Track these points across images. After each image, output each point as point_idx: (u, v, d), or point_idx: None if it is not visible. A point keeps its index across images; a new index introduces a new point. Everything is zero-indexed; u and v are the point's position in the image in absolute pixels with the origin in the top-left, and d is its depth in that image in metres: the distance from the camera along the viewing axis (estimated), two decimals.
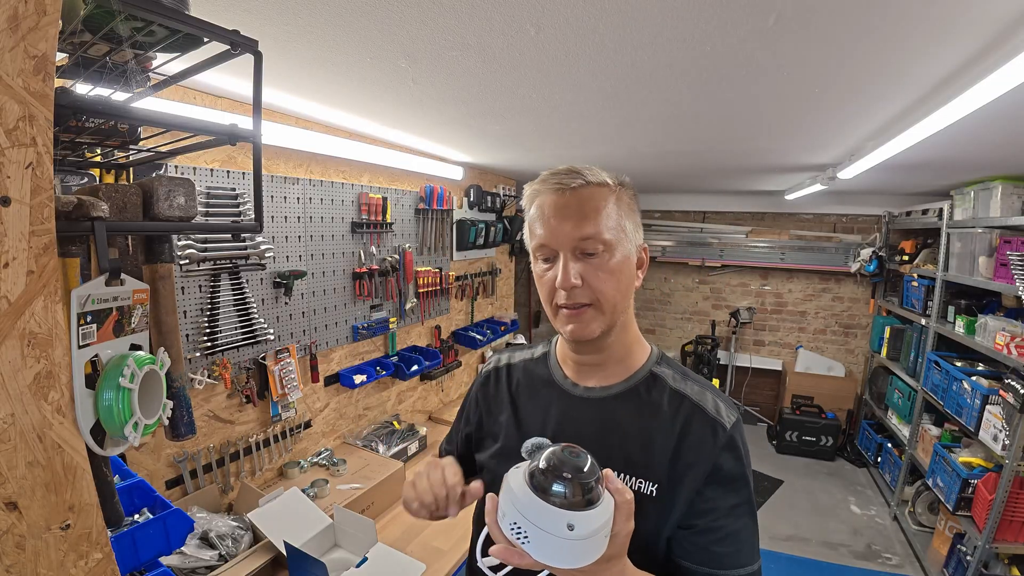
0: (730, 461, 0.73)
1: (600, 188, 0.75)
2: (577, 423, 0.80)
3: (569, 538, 0.51)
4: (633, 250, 0.77)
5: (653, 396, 0.79)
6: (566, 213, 0.72)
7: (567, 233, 0.72)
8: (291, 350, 1.98)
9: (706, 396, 0.78)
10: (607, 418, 0.79)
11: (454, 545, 1.74)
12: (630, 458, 0.75)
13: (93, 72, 0.71)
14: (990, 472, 2.38)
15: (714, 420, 0.75)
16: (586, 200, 0.73)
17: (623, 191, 0.78)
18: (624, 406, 0.79)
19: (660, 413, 0.77)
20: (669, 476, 0.73)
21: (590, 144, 2.34)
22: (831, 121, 1.78)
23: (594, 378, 0.82)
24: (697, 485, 0.73)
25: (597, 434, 0.78)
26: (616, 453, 0.76)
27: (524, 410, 0.87)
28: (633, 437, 0.76)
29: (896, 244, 4.09)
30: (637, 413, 0.78)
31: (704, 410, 0.76)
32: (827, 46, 1.11)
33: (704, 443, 0.73)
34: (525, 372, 0.91)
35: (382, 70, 1.34)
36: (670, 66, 1.27)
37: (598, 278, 0.72)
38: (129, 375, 0.64)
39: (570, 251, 0.72)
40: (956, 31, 1.00)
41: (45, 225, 0.52)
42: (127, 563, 1.04)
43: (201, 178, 1.62)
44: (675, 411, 0.77)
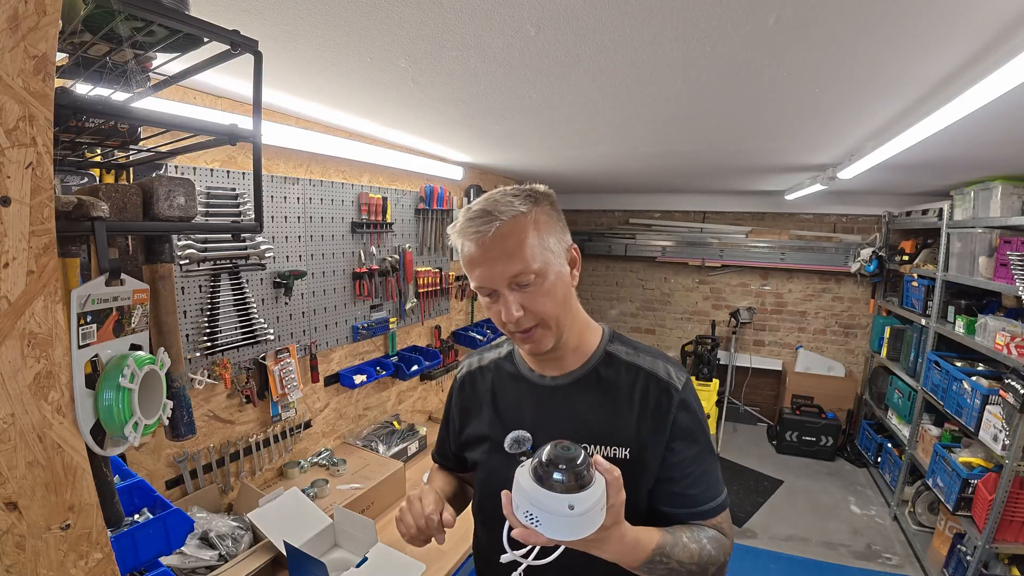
0: (686, 417, 0.85)
1: (515, 221, 0.78)
2: (550, 409, 0.90)
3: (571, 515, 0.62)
4: (563, 261, 0.83)
5: (611, 373, 0.88)
6: (492, 256, 0.78)
7: (499, 273, 0.78)
8: (291, 350, 1.98)
9: (657, 364, 0.88)
10: (575, 400, 0.88)
11: (454, 545, 1.74)
12: (602, 431, 0.85)
13: (93, 72, 0.71)
14: (990, 472, 2.38)
15: (667, 384, 0.86)
16: (507, 238, 0.77)
17: (539, 210, 0.81)
18: (587, 387, 0.89)
19: (620, 386, 0.87)
20: (637, 439, 0.84)
21: (590, 144, 2.34)
22: (831, 121, 1.79)
23: (555, 367, 0.91)
24: (663, 442, 0.84)
25: (570, 416, 0.88)
26: (589, 429, 0.86)
27: (503, 405, 0.95)
28: (600, 413, 0.87)
29: (896, 244, 4.09)
30: (600, 391, 0.88)
31: (657, 376, 0.87)
32: (827, 46, 1.11)
33: (662, 405, 0.85)
34: (497, 370, 0.99)
35: (382, 70, 1.34)
36: (670, 66, 1.27)
37: (537, 303, 0.79)
38: (129, 375, 0.64)
39: (506, 287, 0.79)
40: (956, 31, 1.00)
41: (45, 225, 0.52)
42: (127, 563, 1.04)
43: (201, 178, 1.62)
44: (632, 382, 0.87)
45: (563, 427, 0.87)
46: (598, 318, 0.93)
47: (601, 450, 0.84)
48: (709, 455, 0.86)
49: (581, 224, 5.40)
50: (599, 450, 0.85)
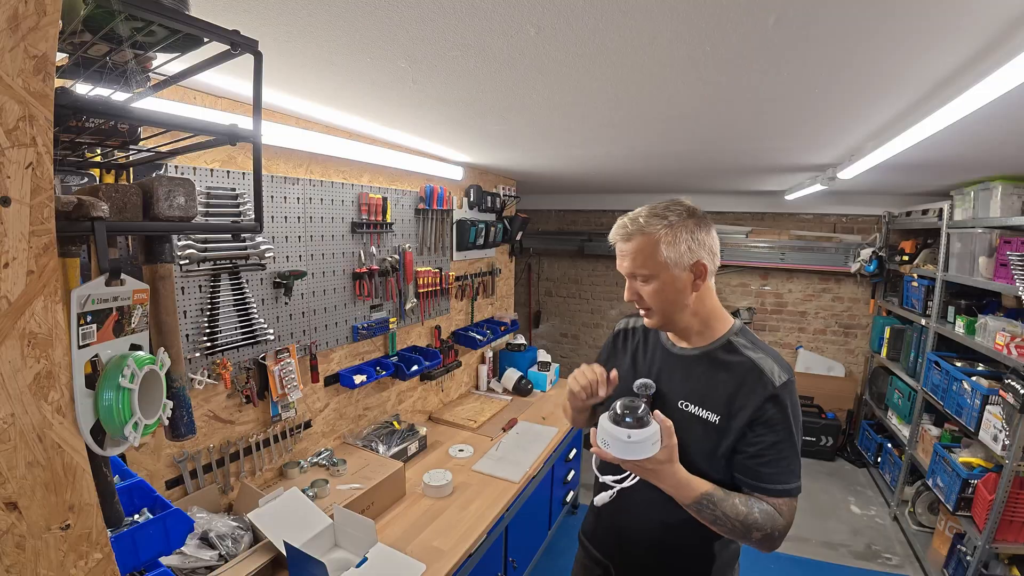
0: (773, 409, 1.02)
1: (640, 238, 1.07)
2: (671, 370, 1.18)
3: (629, 442, 0.97)
4: (679, 271, 1.07)
5: (726, 356, 1.11)
6: (623, 255, 1.11)
7: (625, 268, 1.12)
8: (291, 350, 1.98)
9: (766, 360, 1.07)
10: (691, 369, 1.14)
11: (454, 545, 1.75)
12: (702, 395, 1.10)
13: (93, 72, 0.71)
14: (990, 472, 2.38)
15: (767, 378, 1.04)
16: (634, 248, 1.08)
17: (668, 231, 1.05)
18: (703, 361, 1.13)
19: (729, 368, 1.09)
20: (727, 411, 1.05)
21: (590, 144, 2.34)
22: (831, 121, 1.79)
23: (685, 342, 1.19)
24: (746, 421, 1.03)
25: (683, 378, 1.15)
26: (694, 391, 1.11)
27: (639, 359, 1.26)
28: (706, 382, 1.10)
29: (896, 244, 4.09)
30: (711, 366, 1.12)
31: (761, 370, 1.05)
32: (827, 46, 1.11)
33: (755, 393, 1.04)
34: (644, 333, 1.29)
35: (382, 70, 1.34)
36: (670, 66, 1.27)
37: (645, 295, 1.10)
38: (129, 375, 0.64)
39: (628, 277, 1.13)
40: (956, 31, 1.00)
41: (45, 225, 0.52)
42: (127, 563, 1.04)
43: (201, 178, 1.62)
44: (740, 368, 1.08)
45: (676, 385, 1.14)
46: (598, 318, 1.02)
47: (696, 410, 1.09)
48: (788, 449, 1.02)
49: (581, 224, 5.41)
50: (694, 410, 1.10)
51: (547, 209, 5.56)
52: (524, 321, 5.51)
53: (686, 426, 1.08)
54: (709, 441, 1.06)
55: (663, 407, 1.12)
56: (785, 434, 1.02)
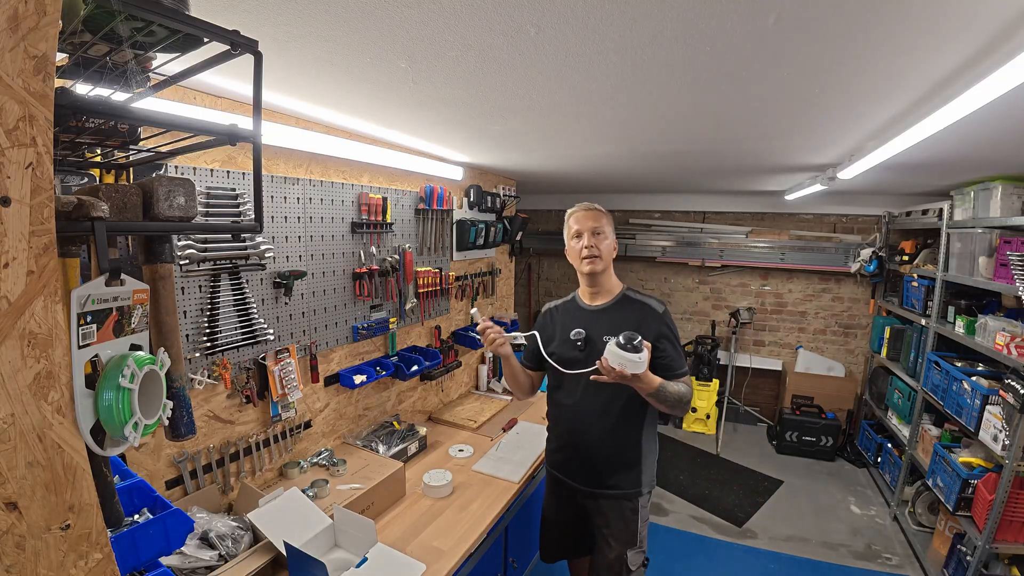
0: (664, 328, 1.67)
1: (601, 213, 1.75)
2: (594, 321, 1.72)
3: (639, 360, 1.43)
4: (613, 242, 1.77)
5: (625, 304, 1.74)
6: (588, 217, 1.73)
7: (589, 225, 1.71)
8: (291, 350, 1.98)
9: (651, 299, 1.73)
10: (604, 316, 1.73)
11: (454, 545, 1.74)
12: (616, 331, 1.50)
13: (93, 72, 0.71)
14: (990, 472, 2.38)
15: (653, 310, 1.70)
16: (598, 215, 1.74)
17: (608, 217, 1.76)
18: (611, 310, 1.73)
19: (629, 311, 1.71)
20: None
21: (590, 144, 2.34)
22: (831, 121, 1.79)
23: (596, 300, 1.78)
24: (651, 339, 1.57)
25: (601, 324, 1.70)
26: (610, 329, 1.62)
27: (566, 321, 1.79)
28: (618, 322, 1.67)
29: (896, 244, 4.09)
30: (618, 312, 1.72)
31: (649, 306, 1.71)
32: (827, 46, 1.12)
33: (649, 320, 1.67)
34: (564, 305, 1.88)
35: (382, 71, 1.34)
36: (670, 66, 1.27)
37: (601, 245, 1.70)
38: (129, 375, 0.64)
39: (589, 232, 1.70)
40: (956, 31, 1.00)
41: (45, 225, 0.52)
42: (127, 563, 1.04)
43: (201, 178, 1.62)
44: (636, 309, 1.71)
45: (598, 327, 1.69)
46: None
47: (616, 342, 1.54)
48: (680, 347, 1.69)
49: None
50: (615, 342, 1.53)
51: (547, 209, 5.56)
52: (524, 321, 5.51)
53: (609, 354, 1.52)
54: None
55: (593, 344, 1.67)
56: (675, 339, 1.67)
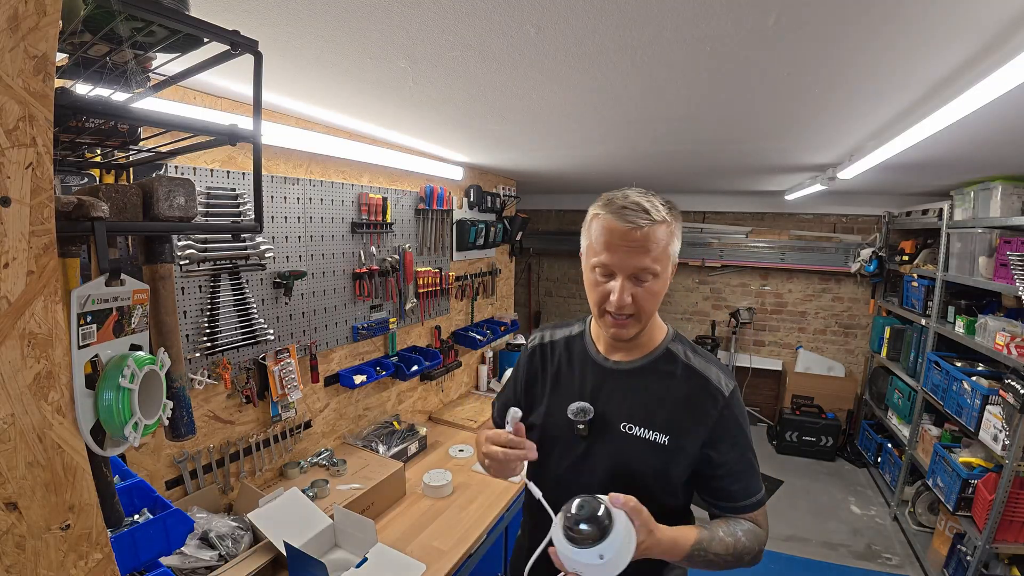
0: (729, 421, 0.95)
1: (660, 226, 0.89)
2: (608, 389, 1.01)
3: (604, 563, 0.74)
4: (672, 267, 0.95)
5: (667, 367, 1.00)
6: (632, 247, 0.88)
7: (630, 264, 0.89)
8: (291, 350, 1.98)
9: (710, 369, 0.98)
10: (630, 385, 1.00)
11: (454, 545, 1.74)
12: (646, 415, 0.97)
13: (93, 72, 0.71)
14: (990, 472, 2.38)
15: (716, 388, 0.96)
16: (649, 239, 0.88)
17: (675, 222, 0.93)
18: (644, 375, 1.00)
19: (672, 381, 0.98)
20: (677, 430, 0.95)
21: (590, 144, 2.34)
22: (831, 121, 1.79)
23: (621, 354, 1.03)
24: (701, 439, 0.94)
25: (622, 397, 0.99)
26: (636, 411, 0.98)
27: (565, 378, 1.07)
28: (650, 399, 0.98)
29: (896, 244, 4.09)
30: (654, 381, 0.99)
31: (707, 379, 0.97)
32: (827, 46, 1.11)
33: (705, 407, 0.95)
34: (566, 346, 1.10)
35: (382, 71, 1.34)
36: (670, 67, 1.27)
37: (644, 299, 0.91)
38: (129, 375, 0.63)
39: (627, 276, 0.90)
40: (956, 31, 1.00)
41: (45, 225, 0.52)
42: (127, 563, 1.04)
43: (201, 178, 1.62)
44: (684, 379, 0.98)
45: (616, 404, 0.99)
46: None
47: (642, 432, 0.96)
48: (751, 458, 0.96)
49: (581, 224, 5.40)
50: (640, 431, 0.96)
51: (547, 209, 5.56)
52: (524, 321, 5.51)
53: (633, 451, 0.96)
54: (660, 465, 0.95)
55: (603, 432, 0.99)
56: (745, 445, 0.96)
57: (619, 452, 0.96)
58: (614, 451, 0.97)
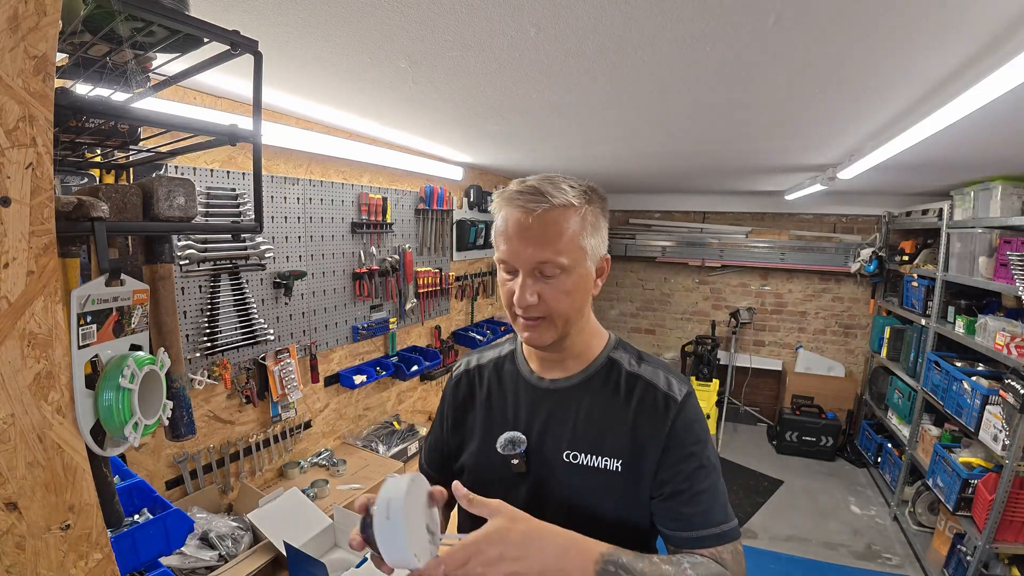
0: (683, 430, 0.79)
1: (564, 211, 0.76)
2: (544, 414, 0.86)
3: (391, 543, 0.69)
4: (592, 264, 0.81)
5: (610, 380, 0.85)
6: (527, 235, 0.75)
7: (527, 256, 0.75)
8: (291, 350, 1.98)
9: (658, 375, 0.84)
10: (570, 406, 0.85)
11: None
12: (594, 440, 0.82)
13: (93, 72, 0.71)
14: (990, 472, 2.38)
15: (666, 395, 0.81)
16: (549, 224, 0.75)
17: (589, 208, 0.79)
18: (584, 393, 0.85)
19: (617, 395, 0.83)
20: (631, 451, 0.79)
21: (590, 144, 2.34)
22: (831, 121, 1.79)
23: (556, 370, 0.88)
24: (657, 455, 0.78)
25: (561, 421, 0.84)
26: (581, 436, 0.82)
27: (496, 406, 0.92)
28: (595, 420, 0.83)
29: (896, 244, 4.09)
30: (597, 398, 0.84)
31: (656, 387, 0.82)
32: (827, 47, 1.11)
33: (657, 416, 0.80)
34: (495, 370, 0.96)
35: (382, 71, 1.34)
36: (670, 66, 1.27)
37: (553, 297, 0.77)
38: (129, 375, 0.63)
39: (528, 272, 0.76)
40: (955, 32, 1.00)
41: (45, 225, 0.52)
42: (127, 563, 1.04)
43: (201, 178, 1.62)
44: (630, 391, 0.83)
45: (555, 432, 0.84)
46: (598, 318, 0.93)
47: (589, 460, 0.81)
48: (710, 476, 0.78)
49: None
50: (587, 459, 0.81)
51: None
52: None
53: (582, 484, 0.81)
54: (616, 495, 0.79)
55: (544, 465, 0.83)
56: (703, 457, 0.78)
57: (566, 487, 0.81)
58: (561, 487, 0.82)
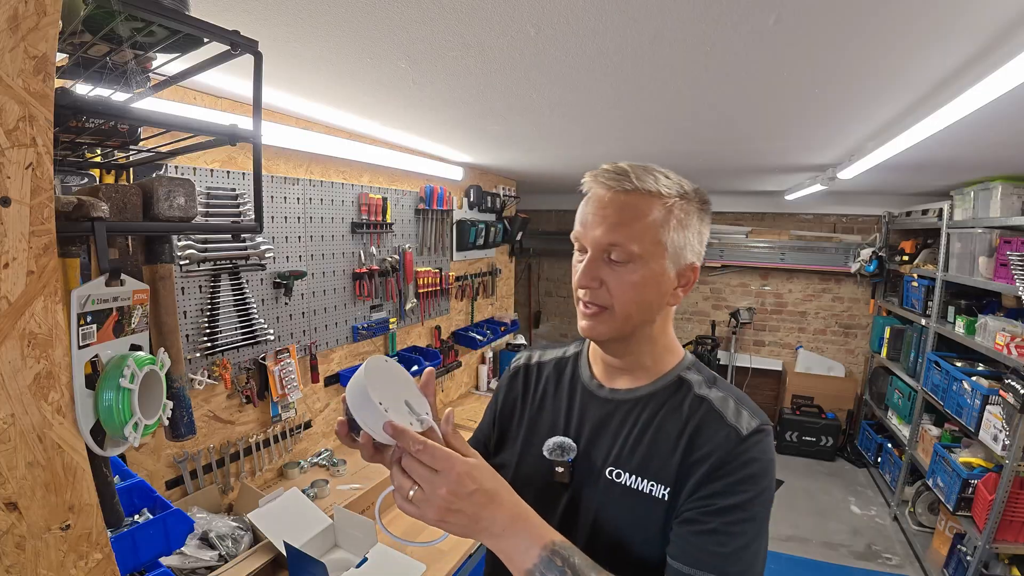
0: (735, 466, 0.68)
1: (647, 197, 0.71)
2: (596, 423, 0.80)
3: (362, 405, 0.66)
4: (672, 267, 0.74)
5: (675, 401, 0.77)
6: (602, 214, 0.71)
7: (597, 235, 0.71)
8: (291, 350, 1.98)
9: (728, 402, 0.74)
10: (626, 421, 0.78)
11: (454, 545, 1.74)
12: (643, 461, 0.74)
13: (93, 72, 0.71)
14: (990, 472, 2.38)
15: (729, 426, 0.71)
16: (626, 206, 0.70)
17: (679, 203, 0.73)
18: (644, 410, 0.77)
19: (677, 417, 0.75)
20: (678, 479, 0.70)
21: (590, 144, 2.34)
22: (831, 121, 1.79)
23: (620, 380, 0.82)
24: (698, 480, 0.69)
25: (614, 435, 0.78)
26: (627, 454, 0.75)
27: (548, 408, 0.87)
28: (649, 440, 0.75)
29: (896, 244, 4.09)
30: (656, 417, 0.76)
31: (721, 416, 0.72)
32: (827, 47, 1.12)
33: (711, 446, 0.70)
34: (555, 370, 0.91)
35: (382, 71, 1.34)
36: (670, 67, 1.27)
37: (618, 286, 0.72)
38: (129, 375, 0.63)
39: (596, 252, 0.72)
40: (955, 32, 1.00)
41: (45, 225, 0.52)
42: (127, 563, 1.04)
43: (201, 178, 1.62)
44: (692, 415, 0.74)
45: (606, 445, 0.78)
46: None
47: (632, 481, 0.74)
48: (747, 527, 0.66)
49: None
50: (629, 480, 0.73)
51: (547, 209, 5.56)
52: (524, 321, 5.51)
53: (619, 505, 0.73)
54: (655, 527, 0.70)
55: (585, 479, 0.77)
56: (747, 505, 0.66)
57: (602, 506, 0.74)
58: (596, 504, 0.75)
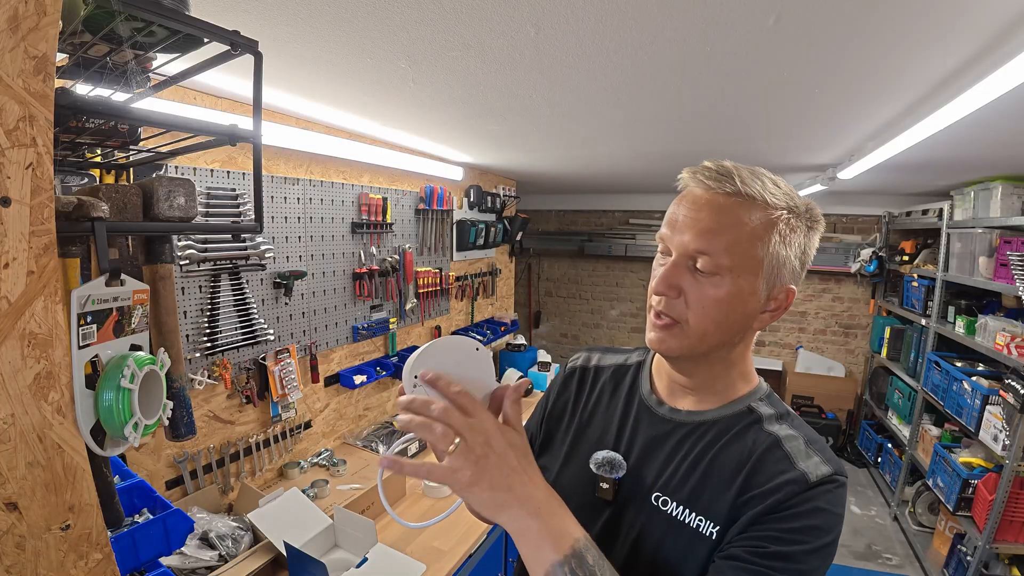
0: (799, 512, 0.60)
1: (750, 203, 0.63)
2: (649, 441, 0.73)
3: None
4: (764, 287, 0.65)
5: (739, 432, 0.69)
6: (696, 217, 0.63)
7: (685, 239, 0.64)
8: (291, 350, 1.98)
9: (798, 443, 0.66)
10: (682, 444, 0.71)
11: (454, 545, 1.74)
12: (695, 492, 0.67)
13: (93, 72, 0.71)
14: (990, 472, 2.38)
15: (796, 468, 0.63)
16: (723, 211, 0.63)
17: (786, 215, 0.64)
18: (704, 436, 0.70)
19: (739, 450, 0.67)
20: (729, 517, 0.64)
21: (590, 144, 2.34)
22: (831, 121, 1.79)
23: (683, 401, 0.74)
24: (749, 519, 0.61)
25: (667, 458, 0.71)
26: (681, 483, 0.68)
27: (600, 417, 0.81)
28: (703, 470, 0.68)
29: (896, 244, 4.09)
30: (716, 446, 0.69)
31: (789, 457, 0.64)
32: (827, 47, 1.12)
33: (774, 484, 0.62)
34: (613, 377, 0.84)
35: (382, 71, 1.34)
36: (670, 66, 1.27)
37: (697, 299, 0.64)
38: (129, 375, 0.64)
39: (680, 257, 0.65)
40: (955, 32, 1.00)
41: (45, 225, 0.52)
42: (127, 563, 1.04)
43: (201, 178, 1.62)
44: (754, 450, 0.66)
45: (656, 467, 0.71)
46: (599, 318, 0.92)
47: (678, 512, 0.67)
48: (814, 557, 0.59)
49: (581, 224, 5.40)
50: (675, 511, 0.67)
51: (547, 209, 5.56)
52: (524, 321, 5.51)
53: (660, 535, 0.67)
54: (700, 565, 0.63)
55: (629, 501, 0.71)
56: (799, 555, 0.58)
57: (644, 533, 0.68)
58: (639, 529, 0.69)
